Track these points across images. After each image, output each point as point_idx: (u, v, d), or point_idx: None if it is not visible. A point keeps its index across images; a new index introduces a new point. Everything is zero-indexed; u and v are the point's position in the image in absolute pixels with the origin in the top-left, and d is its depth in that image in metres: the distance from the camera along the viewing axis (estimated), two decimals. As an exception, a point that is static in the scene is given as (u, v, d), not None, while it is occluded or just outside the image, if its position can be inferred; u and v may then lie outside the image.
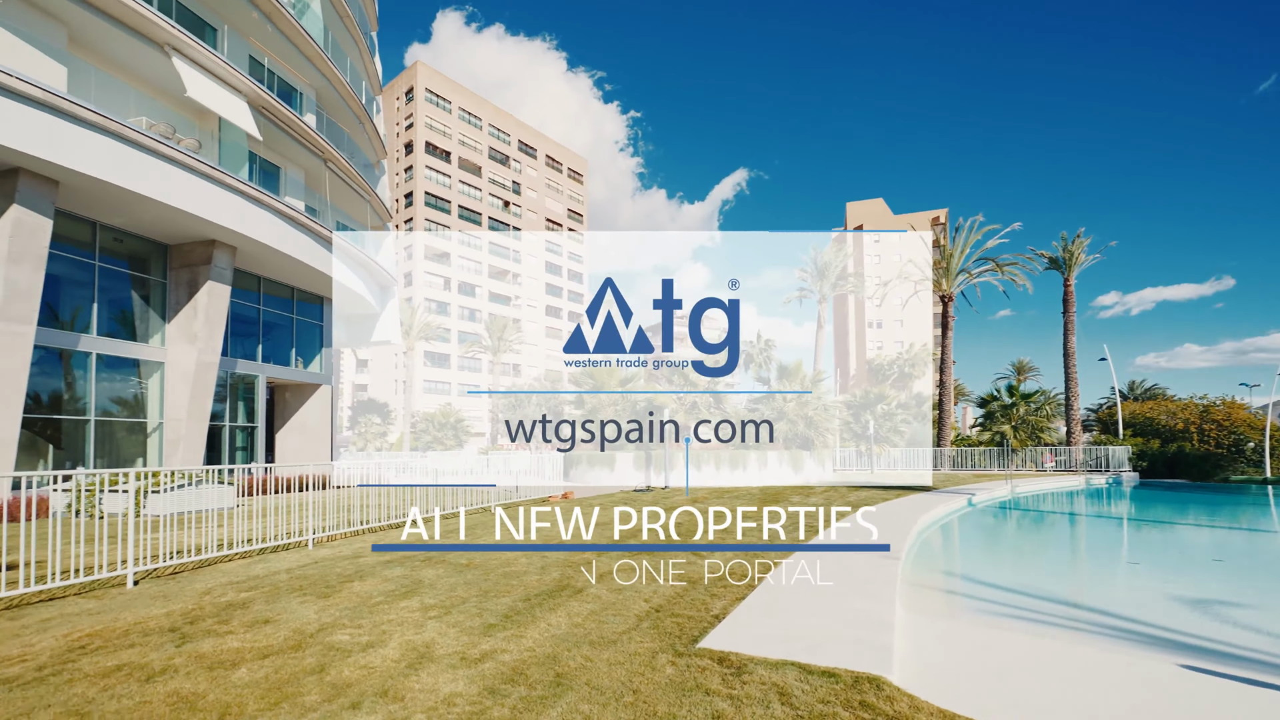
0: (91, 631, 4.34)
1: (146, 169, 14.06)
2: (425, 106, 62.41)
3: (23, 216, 12.46)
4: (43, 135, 12.13)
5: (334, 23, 23.73)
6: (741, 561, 7.19)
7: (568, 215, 78.66)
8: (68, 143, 12.56)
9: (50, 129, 12.28)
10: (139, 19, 14.83)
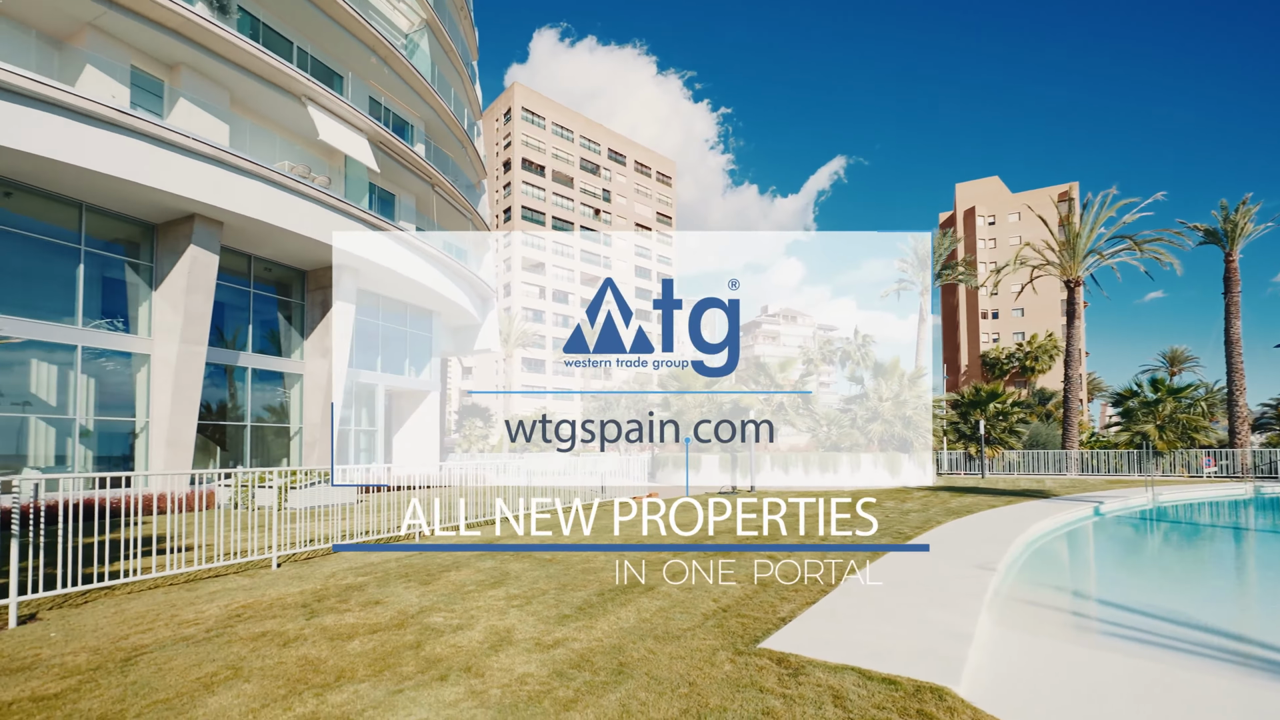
0: (245, 604, 5.23)
1: (290, 207, 16.14)
2: (521, 125, 65.74)
3: (197, 254, 14.75)
4: (212, 185, 14.31)
5: (440, 57, 25.71)
6: (819, 565, 7.14)
7: (656, 219, 79.54)
8: (231, 190, 14.71)
9: (218, 179, 14.46)
10: (285, 78, 17.02)
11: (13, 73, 11.32)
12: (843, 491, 17.11)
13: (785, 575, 6.59)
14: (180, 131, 13.79)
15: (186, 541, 7.50)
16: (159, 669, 3.83)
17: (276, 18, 18.50)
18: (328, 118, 18.76)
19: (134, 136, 13.04)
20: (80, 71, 13.95)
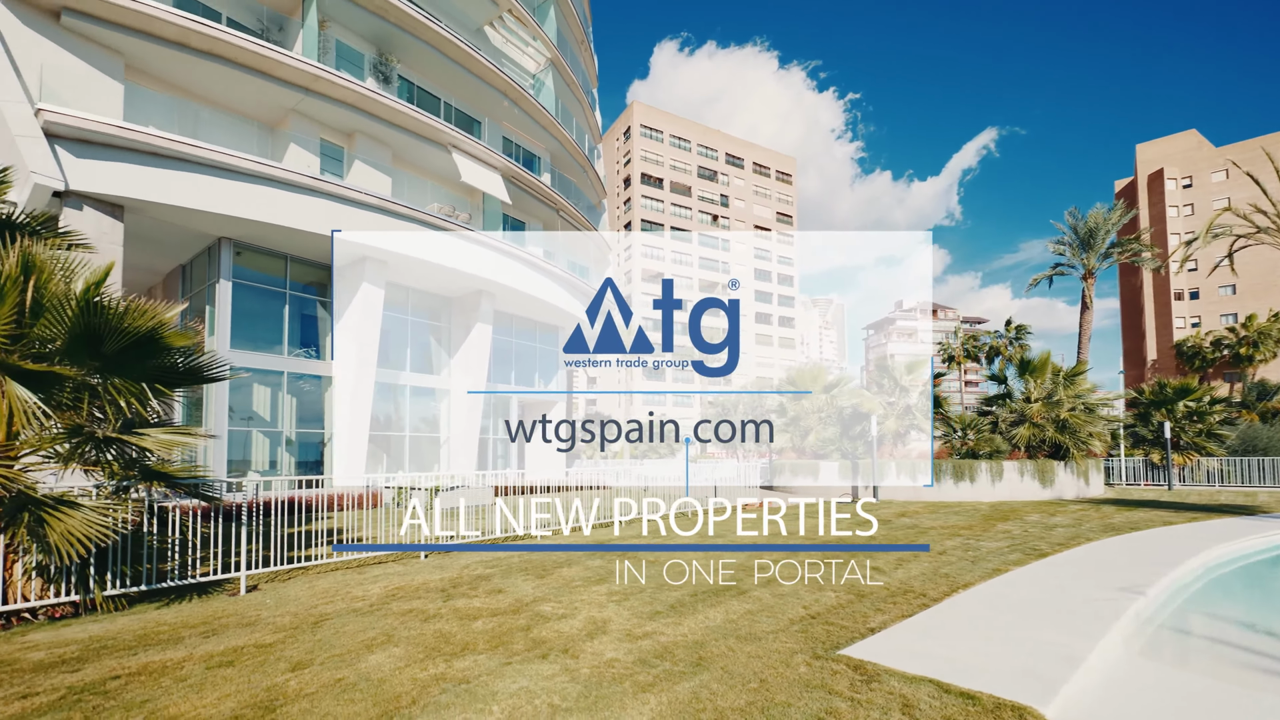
0: (398, 586, 6.34)
1: (440, 243, 18.45)
2: (640, 141, 67.95)
3: (368, 290, 17.38)
4: (381, 232, 16.84)
5: (563, 91, 27.58)
6: (927, 578, 6.94)
7: (776, 219, 77.87)
8: (396, 234, 17.20)
9: (384, 225, 16.99)
10: (434, 131, 19.44)
11: (243, 158, 14.31)
12: (980, 504, 15.82)
13: (887, 586, 6.52)
14: (356, 189, 16.44)
15: (358, 535, 9.08)
16: (336, 631, 4.89)
17: (426, 79, 21.16)
18: (468, 160, 21.03)
19: (324, 197, 15.77)
20: (286, 149, 17.10)
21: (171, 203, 13.62)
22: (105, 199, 13.02)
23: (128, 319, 5.63)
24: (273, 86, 16.07)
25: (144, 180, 13.28)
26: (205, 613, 5.42)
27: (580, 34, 29.72)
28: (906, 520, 12.29)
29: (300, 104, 16.96)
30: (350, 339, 17.12)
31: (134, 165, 13.21)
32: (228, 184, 14.35)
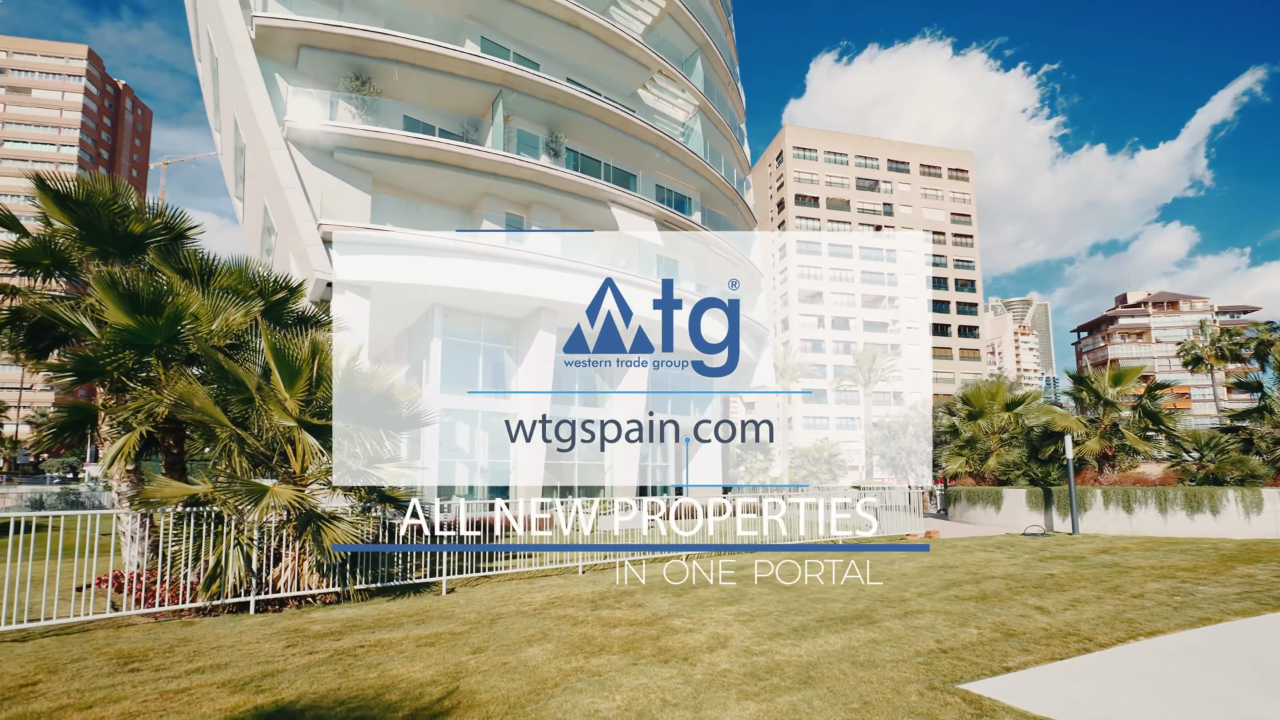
0: (557, 596, 7.37)
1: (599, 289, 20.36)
2: (793, 163, 66.96)
3: (544, 337, 19.75)
4: (551, 284, 19.11)
5: (711, 132, 28.47)
6: (1102, 621, 6.20)
7: (950, 220, 70.69)
8: (563, 285, 19.38)
9: (555, 279, 19.24)
10: (595, 191, 21.59)
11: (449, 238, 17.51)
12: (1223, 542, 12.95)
13: (1046, 627, 5.98)
14: (533, 252, 18.93)
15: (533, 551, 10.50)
16: (506, 627, 5.98)
17: (588, 146, 23.58)
18: (625, 212, 22.89)
19: (508, 262, 18.45)
20: (480, 225, 20.38)
21: (401, 281, 17.04)
22: (358, 284, 16.74)
23: (371, 381, 7.53)
24: (471, 177, 19.34)
25: (383, 266, 16.84)
26: (418, 607, 6.92)
27: (727, 75, 30.49)
28: (1106, 559, 10.63)
29: (490, 187, 20.10)
30: (530, 379, 19.54)
31: (377, 255, 16.84)
32: (439, 260, 17.54)
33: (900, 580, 8.39)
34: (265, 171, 17.56)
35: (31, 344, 7.41)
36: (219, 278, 6.98)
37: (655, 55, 23.67)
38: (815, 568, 8.63)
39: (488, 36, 20.86)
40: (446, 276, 17.55)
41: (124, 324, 6.11)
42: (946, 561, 10.13)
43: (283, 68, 17.63)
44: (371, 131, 17.35)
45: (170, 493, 6.45)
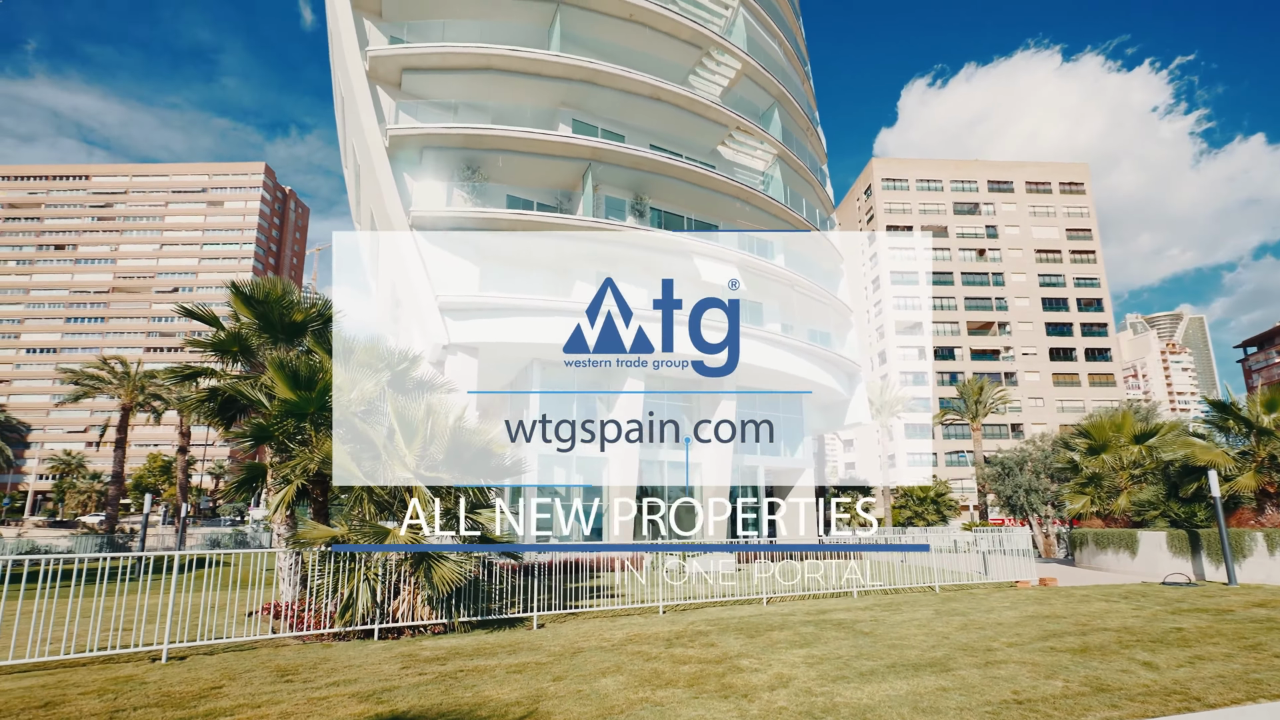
0: (635, 634, 7.74)
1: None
2: (882, 195, 64.91)
3: (632, 382, 20.61)
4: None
5: (791, 178, 28.39)
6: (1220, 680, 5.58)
7: (1066, 237, 64.45)
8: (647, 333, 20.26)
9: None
10: (678, 244, 22.24)
11: (546, 300, 19.10)
12: None
13: (1148, 684, 5.48)
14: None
15: (620, 591, 10.92)
16: (585, 660, 6.45)
17: (670, 204, 24.59)
18: (707, 261, 23.44)
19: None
20: (572, 286, 21.88)
21: (504, 340, 18.72)
22: (467, 346, 18.61)
23: (474, 437, 8.55)
24: (565, 243, 21.00)
25: (488, 328, 18.63)
26: (511, 639, 7.58)
27: (806, 123, 30.54)
28: (1260, 613, 9.23)
29: (582, 250, 21.59)
30: (620, 424, 20.33)
31: (483, 319, 18.69)
32: (537, 319, 19.09)
33: (993, 629, 7.88)
34: (393, 256, 20.25)
35: (222, 414, 9.24)
36: (357, 354, 8.40)
37: (733, 114, 24.53)
38: (898, 611, 8.33)
39: (578, 118, 22.85)
40: (543, 333, 18.99)
41: (288, 398, 7.59)
42: (1054, 611, 9.28)
43: (409, 166, 20.46)
44: (480, 212, 19.54)
45: (316, 535, 7.71)
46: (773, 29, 27.59)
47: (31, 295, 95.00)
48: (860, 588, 11.26)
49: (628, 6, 21.82)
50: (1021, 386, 60.09)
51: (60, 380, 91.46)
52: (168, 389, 35.04)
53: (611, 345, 19.83)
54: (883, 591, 11.40)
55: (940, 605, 9.75)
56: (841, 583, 11.40)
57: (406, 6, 20.94)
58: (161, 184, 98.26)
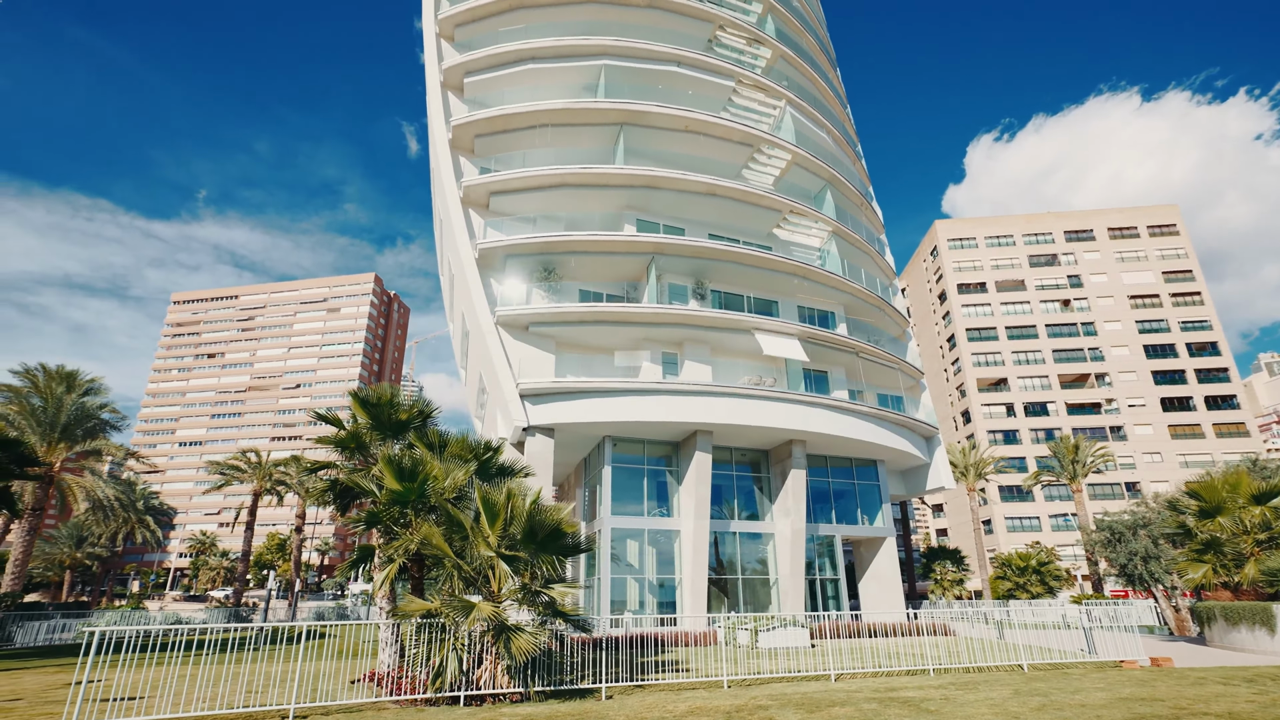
0: (697, 707, 7.92)
1: (751, 409, 21.18)
2: (950, 255, 63.30)
3: (700, 457, 20.98)
4: (703, 409, 20.57)
5: (848, 251, 28.73)
6: None
7: (1163, 280, 59.35)
8: (715, 408, 20.75)
9: (707, 404, 20.71)
10: (739, 323, 22.91)
11: (616, 382, 20.13)
12: None
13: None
14: (686, 383, 20.77)
15: (687, 665, 10.99)
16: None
17: (730, 285, 25.36)
18: (768, 336, 23.83)
19: (665, 394, 20.37)
20: (640, 368, 23.06)
21: (579, 421, 19.88)
22: (545, 427, 19.91)
23: (547, 516, 9.41)
24: (632, 329, 22.38)
25: (563, 410, 19.91)
26: (581, 709, 7.99)
27: (859, 199, 30.76)
28: None
29: (648, 334, 22.88)
30: (689, 497, 20.58)
31: (559, 402, 20.03)
32: (608, 400, 20.18)
33: (1073, 711, 7.39)
34: (480, 349, 22.39)
35: (339, 501, 10.71)
36: (450, 446, 9.64)
37: (785, 200, 25.47)
38: (974, 690, 7.97)
39: (641, 218, 24.77)
40: (614, 412, 20.03)
41: (394, 488, 8.87)
42: (1154, 694, 8.47)
43: (495, 272, 22.98)
44: (555, 308, 21.43)
45: (414, 608, 8.66)
46: (819, 120, 28.98)
47: (186, 397, 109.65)
48: (938, 665, 10.66)
49: (683, 120, 24.10)
50: (1132, 441, 53.89)
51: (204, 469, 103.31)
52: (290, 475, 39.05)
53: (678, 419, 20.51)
54: (964, 669, 10.71)
55: (1023, 685, 9.13)
56: (918, 659, 10.87)
57: (493, 144, 24.28)
58: (292, 298, 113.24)
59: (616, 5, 25.24)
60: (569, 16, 25.31)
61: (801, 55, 29.78)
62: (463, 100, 25.39)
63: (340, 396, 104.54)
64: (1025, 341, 58.62)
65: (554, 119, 23.47)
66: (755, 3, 28.43)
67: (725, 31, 26.82)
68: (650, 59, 24.75)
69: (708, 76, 25.41)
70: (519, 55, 24.08)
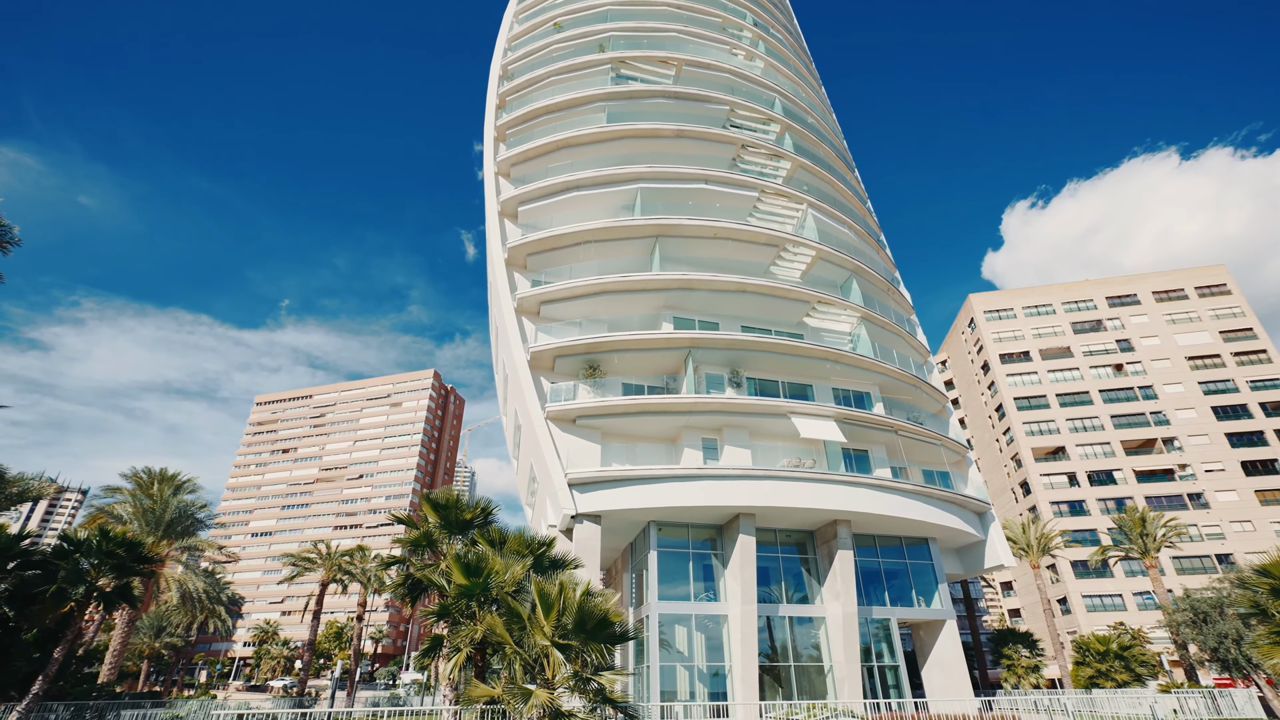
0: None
1: (792, 490, 21.40)
2: (987, 327, 62.53)
3: (744, 540, 21.12)
4: (745, 492, 20.99)
5: (878, 334, 29.16)
6: None
7: (1223, 340, 56.43)
8: (757, 490, 21.10)
9: (748, 488, 21.12)
10: (775, 408, 23.55)
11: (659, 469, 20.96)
12: None
13: None
14: (726, 468, 21.41)
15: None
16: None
17: (764, 373, 26.16)
18: (804, 419, 24.15)
19: (706, 479, 20.98)
20: (681, 454, 23.82)
21: (624, 507, 20.62)
22: (592, 514, 20.70)
23: (596, 606, 10.19)
24: (672, 418, 23.45)
25: (610, 497, 20.74)
26: (635, 796, 8.36)
27: (885, 285, 31.41)
28: None
29: (688, 422, 23.82)
30: (735, 581, 20.54)
31: (605, 490, 20.92)
32: (652, 486, 20.93)
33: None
34: (531, 442, 23.83)
35: (411, 594, 11.81)
36: (509, 543, 10.70)
37: (812, 292, 26.46)
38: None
39: (678, 315, 26.38)
40: (658, 498, 20.72)
41: (462, 583, 9.92)
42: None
43: (544, 372, 24.87)
44: (600, 402, 22.88)
45: (479, 694, 9.41)
46: (840, 218, 30.46)
47: (261, 490, 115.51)
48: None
49: (711, 229, 26.34)
50: (1216, 509, 49.18)
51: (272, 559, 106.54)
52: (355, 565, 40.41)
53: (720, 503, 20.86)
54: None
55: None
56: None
57: (543, 260, 27.11)
58: (358, 395, 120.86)
59: (648, 138, 28.52)
60: (607, 151, 28.71)
61: (819, 163, 32.20)
62: (517, 224, 28.64)
63: (399, 486, 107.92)
64: (1079, 408, 55.90)
65: (596, 236, 26.13)
66: (773, 124, 31.35)
67: (746, 150, 29.60)
68: (680, 180, 27.54)
69: (733, 190, 27.90)
70: (565, 186, 27.33)
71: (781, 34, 40.45)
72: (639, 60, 31.68)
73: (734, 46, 34.81)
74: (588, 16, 35.10)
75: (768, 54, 36.28)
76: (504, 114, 32.11)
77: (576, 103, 30.06)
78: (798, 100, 34.62)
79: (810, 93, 38.19)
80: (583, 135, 28.66)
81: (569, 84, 31.72)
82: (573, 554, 17.04)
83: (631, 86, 30.34)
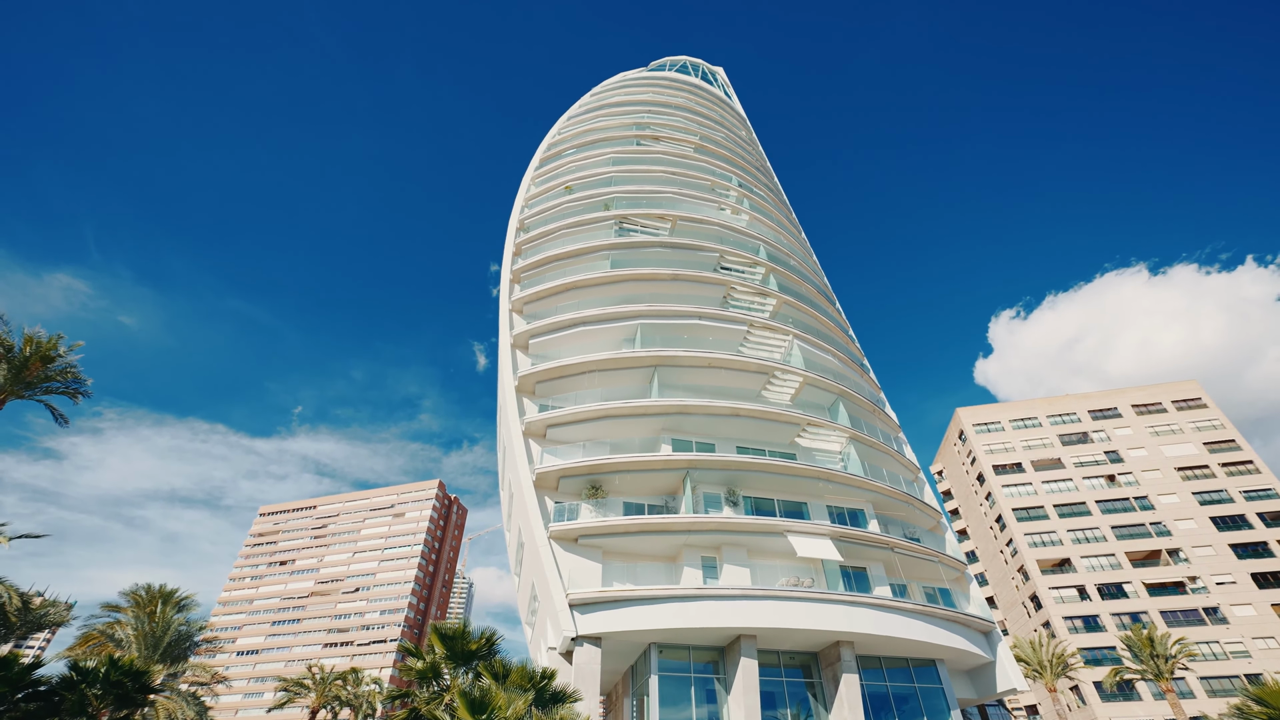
0: None
1: (792, 611, 21.15)
2: (978, 439, 63.19)
3: (746, 664, 20.53)
4: (745, 613, 20.77)
5: (867, 453, 29.85)
6: None
7: (1208, 451, 56.68)
8: (757, 611, 20.86)
9: (748, 608, 20.91)
10: (772, 526, 23.77)
11: (660, 589, 20.93)
12: None
13: None
14: (726, 587, 21.33)
15: None
16: None
17: (759, 492, 26.68)
18: (800, 538, 24.25)
19: (706, 599, 20.83)
20: (680, 573, 23.79)
21: (625, 629, 20.32)
22: (592, 636, 20.35)
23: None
24: (671, 537, 23.72)
25: (610, 618, 20.51)
26: None
27: (870, 407, 32.58)
28: None
29: (687, 540, 24.03)
30: (739, 707, 19.70)
31: (605, 611, 20.73)
32: (652, 607, 20.77)
33: None
34: (534, 559, 23.93)
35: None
36: (511, 676, 11.00)
37: (801, 415, 27.66)
38: None
39: (676, 438, 27.48)
40: (658, 619, 20.52)
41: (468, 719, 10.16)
42: None
43: (548, 491, 25.56)
44: (601, 522, 23.36)
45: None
46: (824, 347, 32.41)
47: (253, 604, 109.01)
48: None
49: (706, 360, 28.37)
50: (1235, 625, 46.38)
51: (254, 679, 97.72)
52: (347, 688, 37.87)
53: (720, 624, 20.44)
54: None
55: None
56: None
57: (551, 387, 28.95)
58: (362, 506, 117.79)
59: (647, 281, 31.57)
60: (610, 292, 31.67)
61: (801, 299, 35.16)
62: (527, 354, 30.84)
63: (395, 600, 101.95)
64: (1078, 519, 54.76)
65: (600, 366, 28.11)
66: (758, 267, 34.73)
67: (735, 290, 32.55)
68: (676, 316, 30.13)
69: (724, 324, 30.39)
70: (572, 322, 29.87)
71: (763, 191, 45.77)
72: (639, 216, 35.82)
73: (721, 203, 39.42)
74: (595, 181, 40.16)
75: (751, 209, 40.90)
76: (519, 260, 35.76)
77: (583, 251, 33.65)
78: (779, 246, 38.49)
79: (790, 239, 42.42)
80: (589, 279, 31.78)
81: (577, 235, 35.69)
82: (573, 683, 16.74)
83: (633, 238, 34.13)
